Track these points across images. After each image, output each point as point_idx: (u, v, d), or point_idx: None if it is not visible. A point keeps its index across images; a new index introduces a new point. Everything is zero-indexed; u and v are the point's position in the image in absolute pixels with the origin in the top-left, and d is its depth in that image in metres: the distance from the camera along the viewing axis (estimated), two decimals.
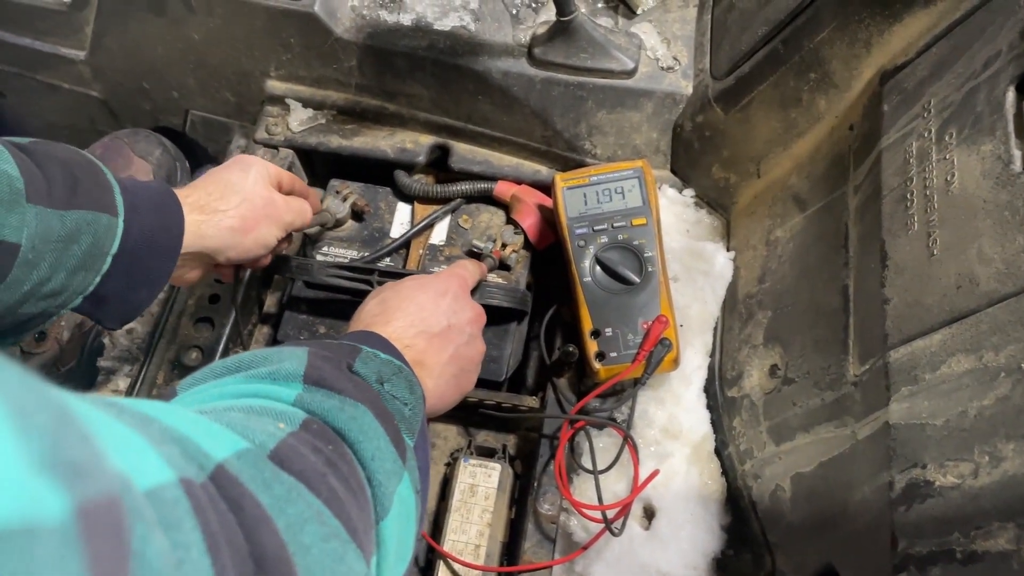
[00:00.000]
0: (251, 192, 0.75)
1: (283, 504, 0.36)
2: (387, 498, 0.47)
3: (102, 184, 0.63)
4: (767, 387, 0.78)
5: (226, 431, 0.39)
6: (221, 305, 0.93)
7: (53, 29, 1.09)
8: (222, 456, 0.35)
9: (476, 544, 0.79)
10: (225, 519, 0.32)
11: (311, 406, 0.47)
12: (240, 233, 0.73)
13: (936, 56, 0.70)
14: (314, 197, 0.90)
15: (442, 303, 0.70)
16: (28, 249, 0.57)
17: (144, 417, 0.33)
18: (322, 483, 0.40)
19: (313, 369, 0.50)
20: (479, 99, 0.96)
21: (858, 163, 0.75)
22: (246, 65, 1.02)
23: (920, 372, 0.60)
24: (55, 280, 0.60)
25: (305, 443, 0.42)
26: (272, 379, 0.49)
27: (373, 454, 0.47)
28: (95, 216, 0.61)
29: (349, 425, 0.47)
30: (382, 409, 0.52)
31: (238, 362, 0.50)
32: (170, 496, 0.29)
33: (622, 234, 0.86)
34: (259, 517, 0.34)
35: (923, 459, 0.57)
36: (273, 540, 0.34)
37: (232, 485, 0.34)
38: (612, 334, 0.83)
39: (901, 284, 0.64)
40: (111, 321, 0.68)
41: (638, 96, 0.93)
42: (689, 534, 0.78)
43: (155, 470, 0.29)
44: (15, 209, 0.56)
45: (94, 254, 0.61)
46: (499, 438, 0.90)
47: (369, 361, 0.55)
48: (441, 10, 0.96)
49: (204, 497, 0.31)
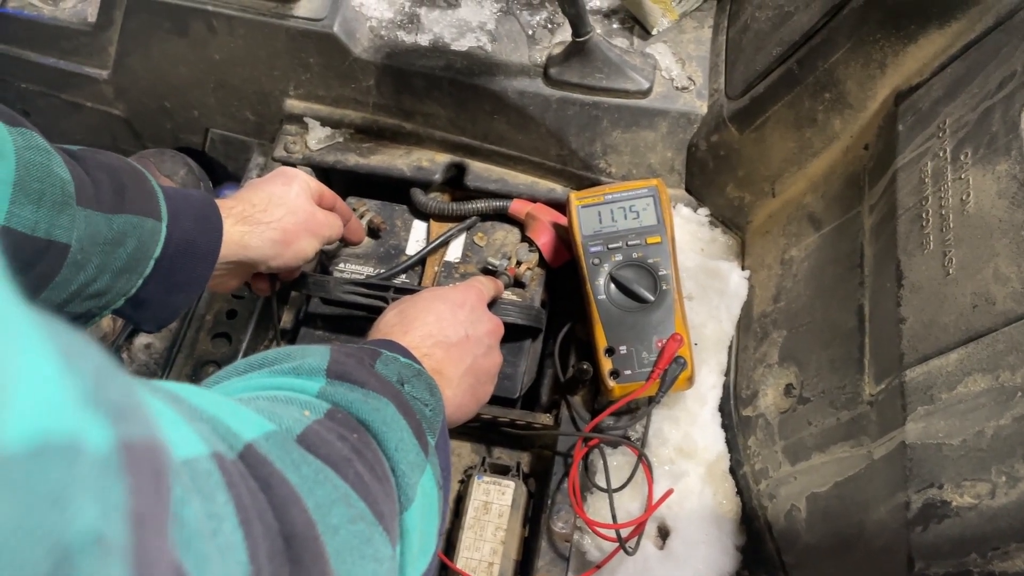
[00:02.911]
0: (294, 205, 0.76)
1: (311, 485, 0.37)
2: (411, 488, 0.47)
3: (147, 191, 0.65)
4: (782, 406, 0.78)
5: (254, 414, 0.39)
6: (238, 320, 0.94)
7: (77, 49, 1.11)
8: (251, 436, 0.35)
9: (489, 562, 0.79)
10: (256, 496, 0.32)
11: (335, 397, 0.47)
12: (282, 245, 0.75)
13: (951, 76, 0.70)
14: (353, 217, 0.91)
15: (460, 314, 0.71)
16: (77, 250, 0.59)
17: (175, 396, 0.33)
18: (348, 468, 0.40)
19: (336, 364, 0.50)
20: (495, 118, 0.97)
21: (873, 183, 0.75)
22: (266, 85, 1.04)
23: (936, 391, 0.59)
24: (101, 281, 0.62)
25: (331, 430, 0.43)
26: (296, 374, 0.49)
27: (397, 445, 0.48)
28: (140, 220, 0.63)
29: (372, 416, 0.47)
30: (404, 403, 0.52)
31: (262, 359, 0.51)
32: (203, 468, 0.29)
33: (637, 252, 0.86)
34: (288, 496, 0.34)
35: (940, 479, 0.56)
36: (303, 518, 0.34)
37: (261, 464, 0.34)
38: (626, 352, 0.83)
39: (917, 303, 0.64)
40: (149, 323, 0.69)
41: (653, 116, 0.94)
42: (704, 554, 0.78)
43: (189, 443, 0.29)
44: (66, 211, 0.58)
45: (138, 257, 0.63)
46: (513, 455, 0.90)
47: (390, 363, 0.56)
48: (458, 31, 0.98)
49: (236, 473, 0.31)
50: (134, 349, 0.98)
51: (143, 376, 0.97)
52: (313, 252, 0.79)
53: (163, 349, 0.98)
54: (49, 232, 0.57)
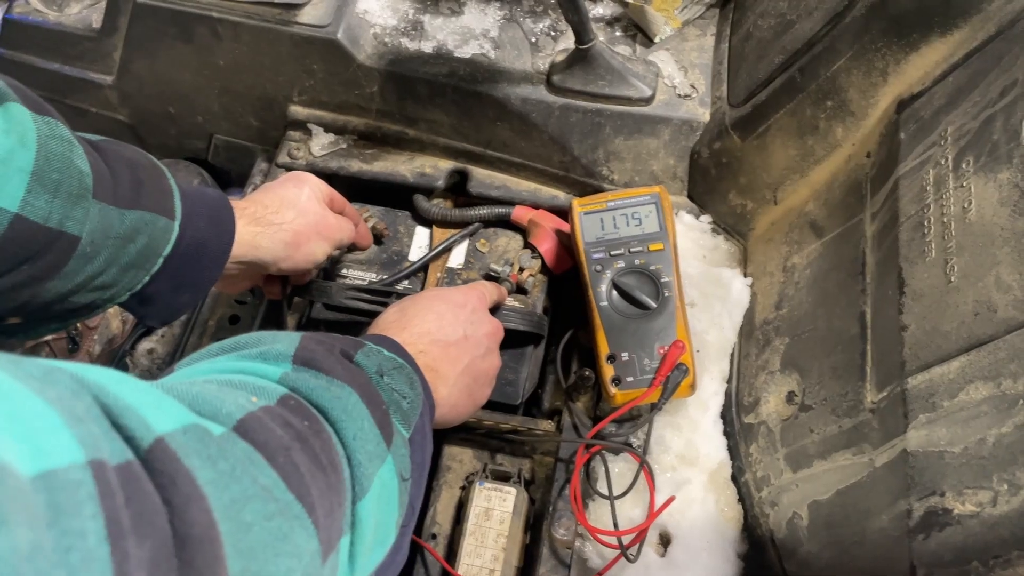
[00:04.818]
0: (305, 207, 0.77)
1: (227, 480, 0.36)
2: (367, 479, 0.47)
3: (164, 188, 0.66)
4: (784, 414, 0.78)
5: (177, 405, 0.38)
6: (241, 326, 0.94)
7: (82, 54, 1.11)
8: (165, 430, 0.34)
9: (491, 569, 0.79)
10: (146, 500, 0.31)
11: (295, 383, 0.47)
12: (292, 247, 0.75)
13: (953, 85, 0.70)
14: (361, 223, 0.92)
15: (460, 314, 0.72)
16: (87, 243, 0.59)
17: (78, 390, 0.32)
18: (283, 456, 0.40)
19: (304, 351, 0.50)
20: (498, 125, 0.98)
21: (875, 190, 0.75)
22: (270, 91, 1.04)
23: (938, 399, 0.59)
24: (108, 274, 0.62)
25: (276, 417, 0.42)
26: (262, 358, 0.49)
27: (355, 434, 0.47)
28: (153, 218, 0.64)
29: (332, 404, 0.47)
30: (371, 392, 0.52)
31: (234, 343, 0.52)
32: (72, 479, 0.28)
33: (639, 259, 0.86)
34: (190, 494, 0.33)
35: (941, 487, 0.56)
36: (202, 519, 0.33)
37: (169, 460, 0.33)
38: (628, 359, 0.83)
39: (919, 311, 0.64)
40: (153, 319, 0.70)
41: (655, 123, 0.94)
42: (705, 562, 0.78)
43: (61, 450, 0.28)
44: (81, 203, 0.58)
45: (147, 254, 0.64)
46: (515, 462, 0.89)
47: (371, 355, 0.56)
48: (462, 38, 0.98)
49: (116, 479, 0.30)
50: (137, 354, 0.99)
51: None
52: (323, 255, 0.80)
53: (166, 354, 0.98)
54: (62, 223, 0.57)
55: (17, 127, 0.55)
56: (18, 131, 0.55)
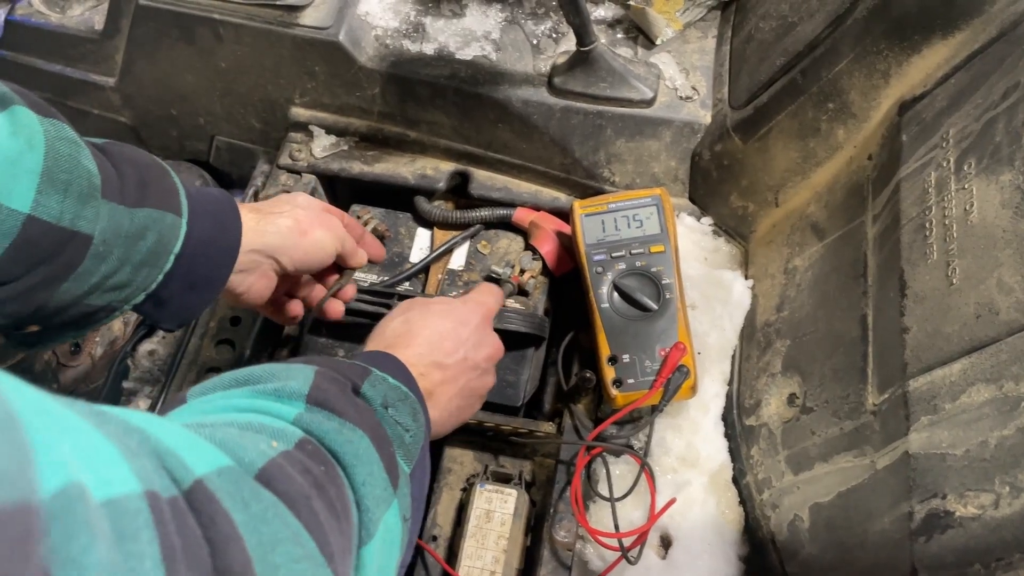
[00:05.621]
0: (302, 202, 0.79)
1: (258, 523, 0.37)
2: (373, 524, 0.48)
3: (169, 187, 0.67)
4: (785, 416, 0.78)
5: (212, 448, 0.39)
6: (242, 327, 0.94)
7: (84, 56, 1.11)
8: (203, 472, 0.36)
9: (491, 571, 0.79)
10: (191, 533, 0.32)
11: (310, 426, 0.48)
12: (297, 233, 0.76)
13: (954, 87, 0.70)
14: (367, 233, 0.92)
15: (463, 332, 0.72)
16: (100, 242, 0.60)
17: (128, 428, 0.34)
18: (304, 505, 0.41)
19: (317, 390, 0.51)
20: (499, 127, 0.98)
21: (877, 193, 0.75)
22: (272, 93, 1.04)
23: (940, 401, 0.59)
24: (122, 273, 0.63)
25: (296, 463, 0.43)
26: (276, 396, 0.50)
27: (364, 479, 0.48)
28: (161, 215, 0.64)
29: (345, 448, 0.48)
30: (381, 435, 0.53)
31: (247, 375, 0.52)
32: (132, 507, 0.29)
33: (640, 261, 0.86)
34: (230, 534, 0.34)
35: (943, 489, 0.56)
36: (240, 557, 0.34)
37: (208, 501, 0.35)
38: (629, 361, 0.83)
39: (920, 313, 0.64)
40: (169, 322, 0.70)
41: (657, 125, 0.94)
42: (706, 564, 0.77)
43: (121, 481, 0.30)
44: (91, 203, 0.59)
45: (158, 251, 0.64)
46: (516, 464, 0.89)
47: (378, 384, 0.56)
48: (463, 40, 0.98)
49: (168, 511, 0.31)
50: (138, 356, 0.99)
51: (146, 383, 0.97)
52: (331, 247, 0.79)
53: (167, 356, 0.98)
54: (74, 223, 0.58)
55: (24, 129, 0.56)
56: (25, 133, 0.56)
